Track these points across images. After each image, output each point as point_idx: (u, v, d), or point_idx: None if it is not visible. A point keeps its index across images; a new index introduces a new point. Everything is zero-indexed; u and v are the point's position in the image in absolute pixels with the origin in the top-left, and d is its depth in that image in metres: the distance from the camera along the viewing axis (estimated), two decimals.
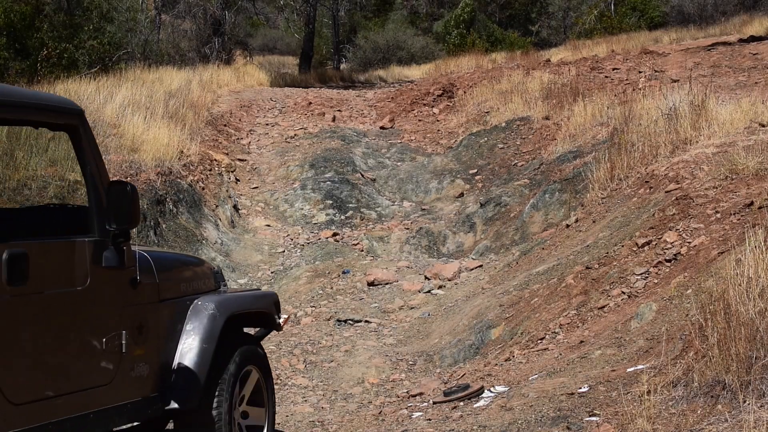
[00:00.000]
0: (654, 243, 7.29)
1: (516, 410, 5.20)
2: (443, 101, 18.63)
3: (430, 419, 5.68)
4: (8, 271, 3.94)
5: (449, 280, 10.22)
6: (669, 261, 6.90)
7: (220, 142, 15.40)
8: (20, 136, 10.06)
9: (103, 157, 4.72)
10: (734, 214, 6.96)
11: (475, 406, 5.65)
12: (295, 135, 16.75)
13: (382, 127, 17.59)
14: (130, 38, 23.99)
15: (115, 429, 4.79)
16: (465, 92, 18.43)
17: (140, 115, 12.87)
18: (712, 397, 4.35)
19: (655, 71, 17.71)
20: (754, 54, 18.56)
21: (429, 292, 10.11)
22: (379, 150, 15.86)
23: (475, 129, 15.61)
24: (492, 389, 5.88)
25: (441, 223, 12.29)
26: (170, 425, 5.24)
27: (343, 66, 37.19)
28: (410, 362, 7.88)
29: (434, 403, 6.06)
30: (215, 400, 5.10)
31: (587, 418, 4.77)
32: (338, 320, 9.64)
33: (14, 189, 9.28)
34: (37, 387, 4.11)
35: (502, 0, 43.19)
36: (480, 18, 39.46)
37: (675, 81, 14.85)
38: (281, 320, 5.87)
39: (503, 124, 15.12)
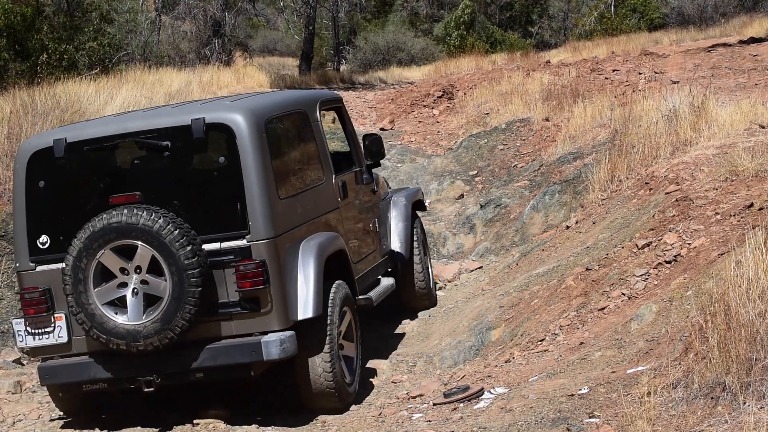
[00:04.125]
0: (654, 244, 7.29)
1: (516, 412, 5.20)
2: (443, 103, 18.64)
3: (430, 420, 5.68)
4: (341, 191, 7.29)
5: (449, 282, 10.22)
6: (669, 262, 6.89)
7: None
8: None
9: None
10: (734, 215, 6.96)
11: (475, 407, 5.65)
12: None
13: (382, 129, 17.60)
14: (130, 39, 24.03)
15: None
16: (465, 94, 18.44)
17: None
18: (712, 398, 4.36)
19: (655, 72, 17.72)
20: (754, 55, 18.58)
21: None
22: None
23: (475, 130, 15.61)
24: (492, 391, 5.88)
25: (441, 225, 12.28)
26: None
27: (343, 67, 37.22)
28: (410, 363, 7.88)
29: (434, 404, 6.05)
30: (415, 254, 8.71)
31: (587, 420, 4.77)
32: None
33: None
34: (358, 253, 7.44)
35: (503, 1, 43.21)
36: (480, 19, 39.51)
37: (675, 82, 14.86)
38: (427, 203, 11.10)
39: (503, 126, 15.12)
